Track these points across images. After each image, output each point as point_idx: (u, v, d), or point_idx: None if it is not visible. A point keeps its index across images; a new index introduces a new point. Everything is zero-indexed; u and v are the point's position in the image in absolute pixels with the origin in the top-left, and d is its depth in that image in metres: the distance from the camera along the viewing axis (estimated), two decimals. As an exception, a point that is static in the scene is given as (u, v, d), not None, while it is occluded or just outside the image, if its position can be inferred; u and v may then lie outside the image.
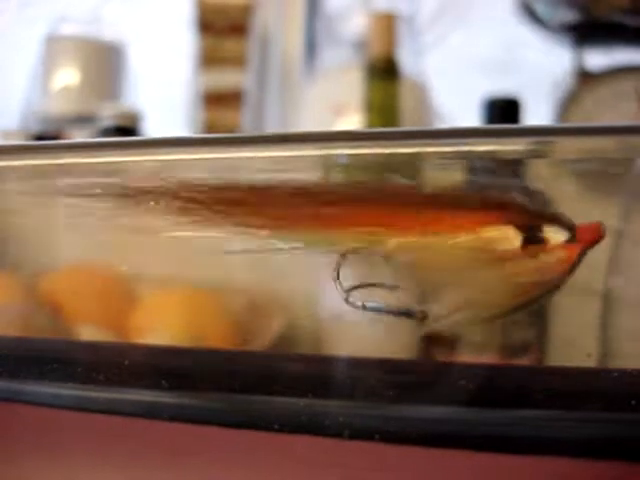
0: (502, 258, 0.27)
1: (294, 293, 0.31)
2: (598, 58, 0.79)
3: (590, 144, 0.28)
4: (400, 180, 0.28)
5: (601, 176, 0.28)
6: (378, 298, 0.28)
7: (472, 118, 0.71)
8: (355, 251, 0.27)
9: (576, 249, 0.26)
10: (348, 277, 0.28)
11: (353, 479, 0.31)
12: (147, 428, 0.33)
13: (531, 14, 0.81)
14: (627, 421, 0.27)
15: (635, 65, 0.76)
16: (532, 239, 0.27)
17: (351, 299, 0.27)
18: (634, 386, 0.27)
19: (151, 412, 0.31)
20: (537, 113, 0.73)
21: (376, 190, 0.28)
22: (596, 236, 0.26)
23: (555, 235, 0.27)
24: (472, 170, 0.29)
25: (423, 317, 0.27)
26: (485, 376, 0.27)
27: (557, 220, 0.27)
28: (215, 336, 0.33)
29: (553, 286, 0.27)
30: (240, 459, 0.32)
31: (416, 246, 0.27)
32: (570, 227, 0.27)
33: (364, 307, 0.28)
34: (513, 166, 0.28)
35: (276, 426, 0.29)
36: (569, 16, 0.78)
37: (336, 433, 0.28)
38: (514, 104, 0.66)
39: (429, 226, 0.27)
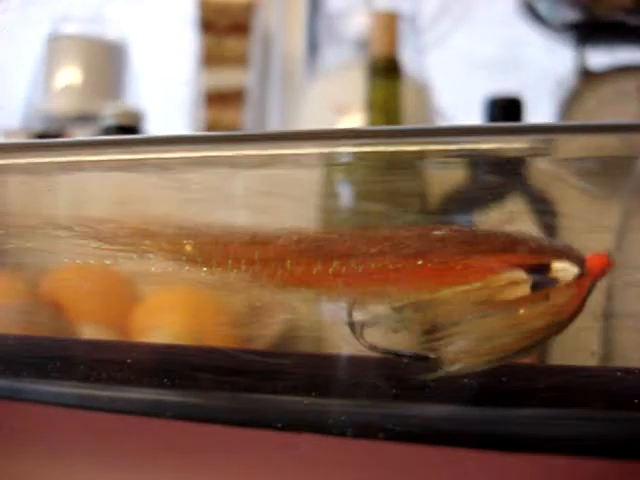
0: (513, 303, 0.26)
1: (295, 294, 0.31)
2: (600, 57, 0.79)
3: (592, 142, 0.28)
4: (407, 227, 0.28)
5: (603, 174, 0.28)
6: (389, 338, 0.27)
7: (474, 117, 0.71)
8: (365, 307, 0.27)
9: (586, 283, 0.26)
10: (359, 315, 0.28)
11: (357, 477, 0.31)
12: (150, 426, 0.33)
13: (533, 13, 0.81)
14: (631, 419, 0.27)
15: (637, 64, 0.76)
16: (542, 281, 0.26)
17: (366, 341, 0.27)
18: (638, 384, 0.27)
19: (154, 410, 0.31)
20: (539, 112, 0.73)
21: (378, 242, 0.27)
22: (606, 266, 0.26)
23: (565, 273, 0.26)
24: (475, 170, 0.29)
25: (438, 362, 0.27)
26: (488, 374, 0.27)
27: (566, 255, 0.26)
28: (216, 335, 0.33)
29: (565, 324, 0.26)
30: (244, 457, 0.32)
31: (426, 302, 0.27)
32: (579, 260, 0.26)
33: (379, 350, 0.27)
34: (518, 166, 0.28)
35: (280, 424, 0.29)
36: (571, 15, 0.78)
37: (340, 432, 0.28)
38: (516, 103, 0.66)
39: (437, 278, 0.26)
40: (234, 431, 0.31)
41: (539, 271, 0.26)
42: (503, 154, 0.28)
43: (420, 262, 0.26)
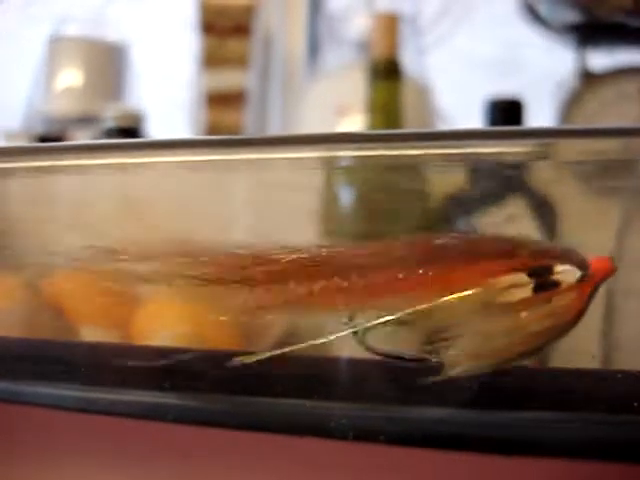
0: (515, 307, 0.26)
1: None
2: (601, 59, 0.79)
3: (593, 146, 0.28)
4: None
5: (604, 178, 0.28)
6: (392, 341, 0.27)
7: (474, 119, 0.71)
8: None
9: (588, 286, 0.26)
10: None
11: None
12: (149, 429, 0.33)
13: (534, 14, 0.81)
14: (631, 422, 0.27)
15: (638, 65, 0.76)
16: (544, 284, 0.26)
17: (367, 344, 0.27)
18: (638, 388, 0.27)
19: (154, 413, 0.31)
20: (540, 114, 0.73)
21: (378, 254, 0.27)
22: (609, 269, 0.26)
23: (567, 275, 0.26)
24: (476, 173, 0.29)
25: (439, 365, 0.27)
26: (489, 377, 0.27)
27: (568, 258, 0.26)
28: (217, 338, 0.33)
29: (567, 328, 0.26)
30: (245, 461, 0.32)
31: (428, 308, 0.27)
32: (582, 264, 0.26)
33: (380, 353, 0.27)
34: (518, 169, 0.28)
35: (280, 428, 0.29)
36: (572, 16, 0.78)
37: (341, 435, 0.28)
38: (517, 105, 0.66)
39: (438, 286, 0.26)
40: (234, 434, 0.31)
41: (541, 274, 0.26)
42: (504, 157, 0.28)
43: (421, 271, 0.26)
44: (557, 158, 0.29)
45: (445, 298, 0.26)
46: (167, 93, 1.03)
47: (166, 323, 0.34)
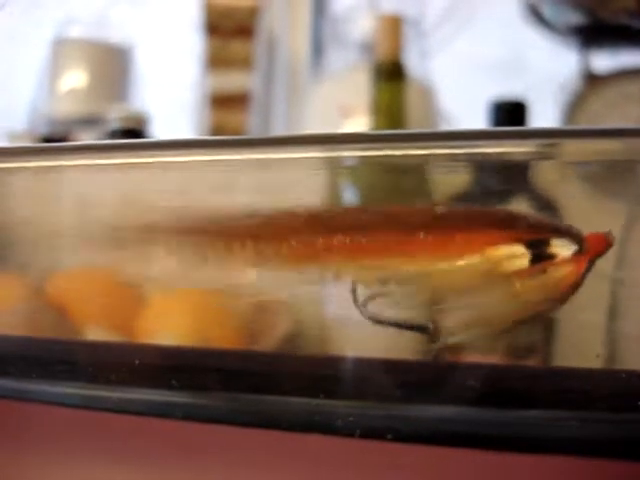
0: (511, 276, 0.27)
1: (300, 295, 0.31)
2: (604, 60, 0.79)
3: (596, 147, 0.28)
4: (404, 202, 0.28)
5: (607, 178, 0.28)
6: (392, 311, 0.28)
7: (478, 120, 0.71)
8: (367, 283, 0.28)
9: (584, 260, 0.26)
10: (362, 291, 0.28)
11: (364, 478, 0.31)
12: (157, 426, 0.33)
13: (537, 16, 0.81)
14: (634, 421, 0.27)
15: (641, 67, 0.76)
16: (541, 255, 0.26)
17: (368, 312, 0.28)
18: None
19: (162, 412, 0.31)
20: (543, 115, 0.73)
21: (380, 216, 0.28)
22: (604, 245, 0.26)
23: (563, 248, 0.26)
24: (480, 173, 0.29)
25: (436, 333, 0.27)
26: (493, 376, 0.27)
27: (565, 232, 0.27)
28: (221, 337, 0.33)
29: (562, 299, 0.27)
30: (252, 458, 0.32)
31: (424, 273, 0.27)
32: (578, 238, 0.26)
33: (380, 321, 0.28)
34: (522, 170, 0.29)
35: (288, 426, 0.29)
36: (575, 18, 0.78)
37: (348, 432, 0.28)
38: (520, 106, 0.66)
39: (437, 251, 0.27)
40: (242, 432, 0.31)
41: (538, 246, 0.27)
42: (508, 158, 0.28)
43: (421, 235, 0.27)
44: (561, 158, 0.29)
45: (442, 264, 0.27)
46: (171, 94, 1.03)
47: (170, 321, 0.34)
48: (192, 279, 0.31)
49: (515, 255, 0.27)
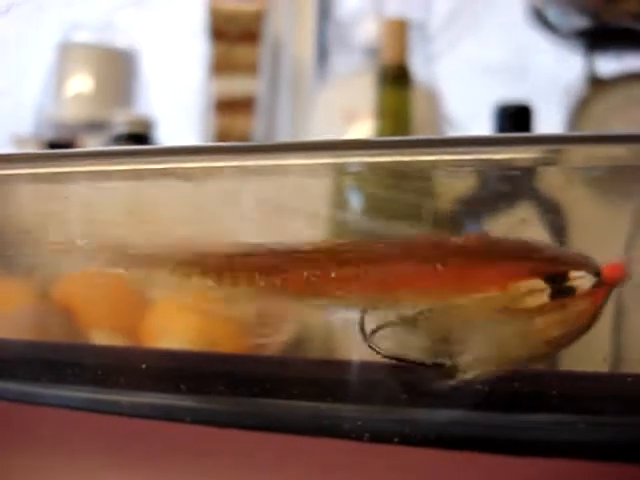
0: (532, 312, 0.26)
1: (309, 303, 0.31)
2: (609, 64, 0.79)
3: (602, 152, 0.28)
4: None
5: (612, 184, 0.28)
6: (405, 345, 0.27)
7: (483, 124, 0.72)
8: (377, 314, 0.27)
9: (602, 293, 0.26)
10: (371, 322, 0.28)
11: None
12: (162, 429, 0.33)
13: (542, 20, 0.81)
14: (641, 425, 0.27)
15: (646, 71, 0.76)
16: (560, 289, 0.26)
17: (380, 348, 0.27)
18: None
19: (171, 415, 0.31)
20: (548, 119, 0.73)
21: (398, 248, 0.27)
22: (621, 276, 0.26)
23: (582, 281, 0.26)
24: (486, 178, 0.29)
25: (453, 369, 0.27)
26: (500, 380, 0.27)
27: (583, 264, 0.26)
28: (227, 341, 0.33)
29: (581, 332, 0.26)
30: (260, 462, 0.32)
31: (442, 308, 0.27)
32: (595, 270, 0.26)
33: (393, 357, 0.27)
34: (528, 174, 0.29)
35: (296, 429, 0.29)
36: (580, 22, 0.78)
37: (356, 436, 0.28)
38: (525, 110, 0.66)
39: (455, 285, 0.26)
40: (250, 435, 0.31)
41: (557, 280, 0.26)
42: (514, 163, 0.28)
43: (438, 268, 0.26)
44: (566, 164, 0.29)
45: (461, 299, 0.26)
46: (176, 99, 1.03)
47: (176, 325, 0.34)
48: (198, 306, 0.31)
49: (535, 290, 0.26)
